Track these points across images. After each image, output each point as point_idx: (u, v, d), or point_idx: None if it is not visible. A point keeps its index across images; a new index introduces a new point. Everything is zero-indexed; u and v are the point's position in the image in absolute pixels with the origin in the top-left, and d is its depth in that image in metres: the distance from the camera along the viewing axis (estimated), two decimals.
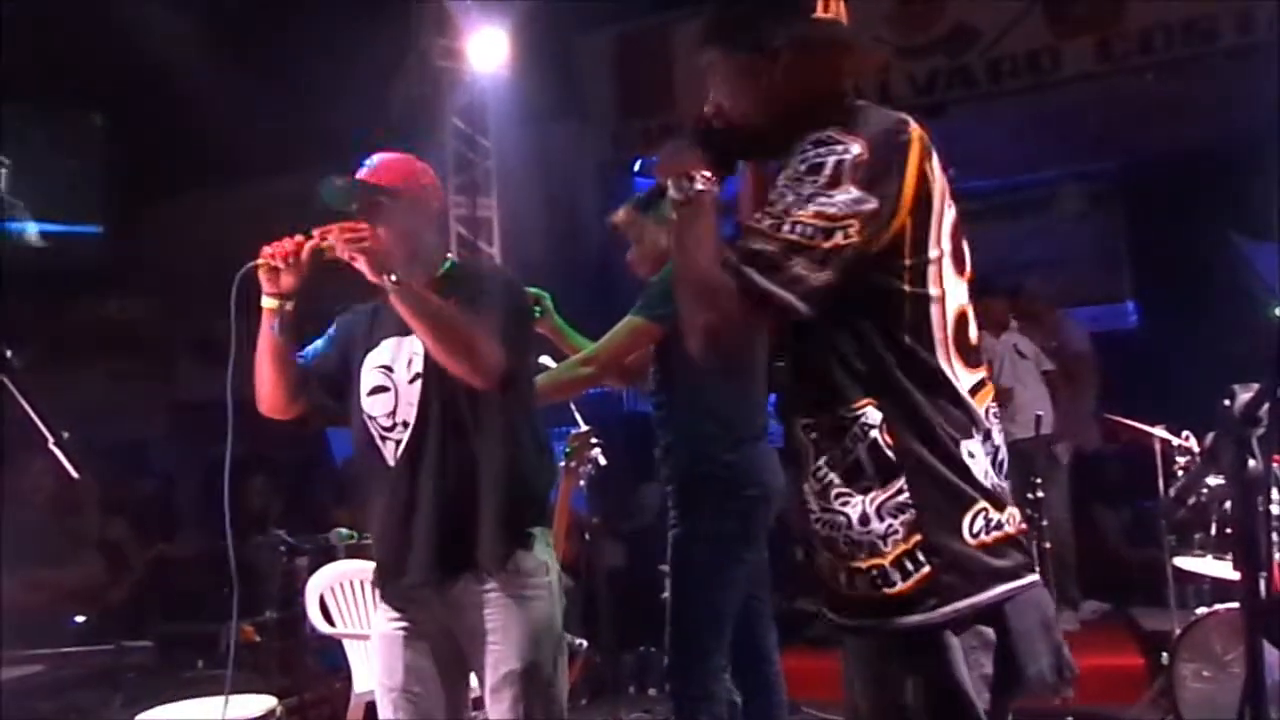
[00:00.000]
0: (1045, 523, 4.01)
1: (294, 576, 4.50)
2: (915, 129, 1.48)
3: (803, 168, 1.43)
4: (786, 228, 1.41)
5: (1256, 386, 1.37)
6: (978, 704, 1.44)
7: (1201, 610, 3.53)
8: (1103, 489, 6.46)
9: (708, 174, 1.53)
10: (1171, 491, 3.58)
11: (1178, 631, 3.54)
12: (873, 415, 1.46)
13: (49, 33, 6.63)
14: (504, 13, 5.55)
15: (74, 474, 1.77)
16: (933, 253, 1.48)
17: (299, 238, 2.20)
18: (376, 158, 2.39)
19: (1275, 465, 1.65)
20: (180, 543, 5.87)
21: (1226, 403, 1.38)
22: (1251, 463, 1.37)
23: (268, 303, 2.24)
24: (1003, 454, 1.54)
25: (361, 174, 2.36)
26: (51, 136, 7.67)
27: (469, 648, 2.26)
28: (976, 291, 1.60)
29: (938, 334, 1.49)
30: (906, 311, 1.47)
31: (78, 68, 7.06)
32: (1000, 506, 1.49)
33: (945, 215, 1.50)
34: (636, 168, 1.75)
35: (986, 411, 1.54)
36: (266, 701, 3.06)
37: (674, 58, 7.02)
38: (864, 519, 1.47)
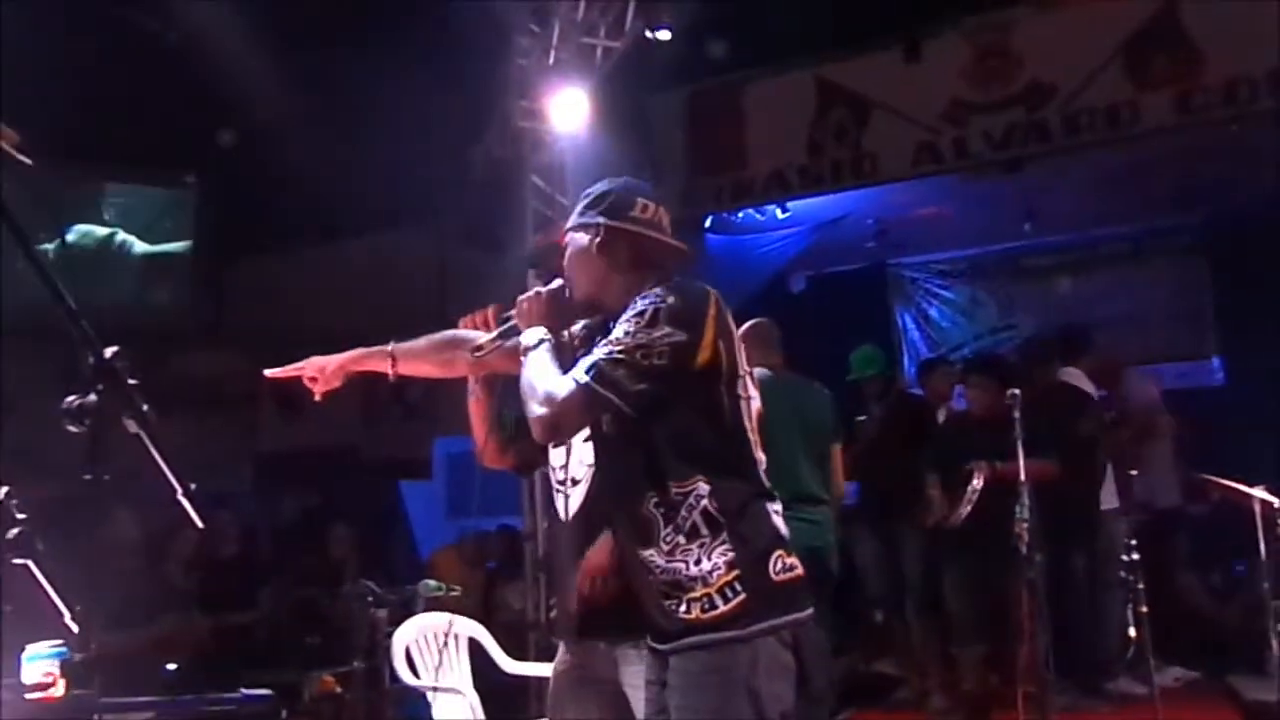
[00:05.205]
0: (1141, 586, 3.91)
1: (375, 628, 4.52)
2: (714, 293, 2.04)
3: (633, 312, 1.99)
4: (617, 352, 1.95)
5: None
6: (775, 703, 1.93)
7: None
8: (1188, 550, 6.27)
9: (550, 328, 2.11)
10: None
11: None
12: (702, 488, 1.98)
13: (144, 94, 6.93)
14: (584, 74, 5.67)
15: (200, 524, 1.82)
16: (740, 371, 2.05)
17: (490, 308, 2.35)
18: None
19: None
20: (265, 593, 5.96)
21: None
22: None
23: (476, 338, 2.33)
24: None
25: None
26: (146, 194, 7.99)
27: (635, 703, 2.27)
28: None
29: (748, 424, 2.05)
30: (726, 410, 2.01)
31: (173, 129, 7.36)
32: (790, 554, 2.02)
33: (742, 347, 2.08)
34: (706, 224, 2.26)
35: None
36: None
37: (744, 116, 7.09)
38: (698, 561, 1.97)
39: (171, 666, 4.00)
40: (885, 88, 6.61)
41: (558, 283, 2.17)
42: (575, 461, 2.35)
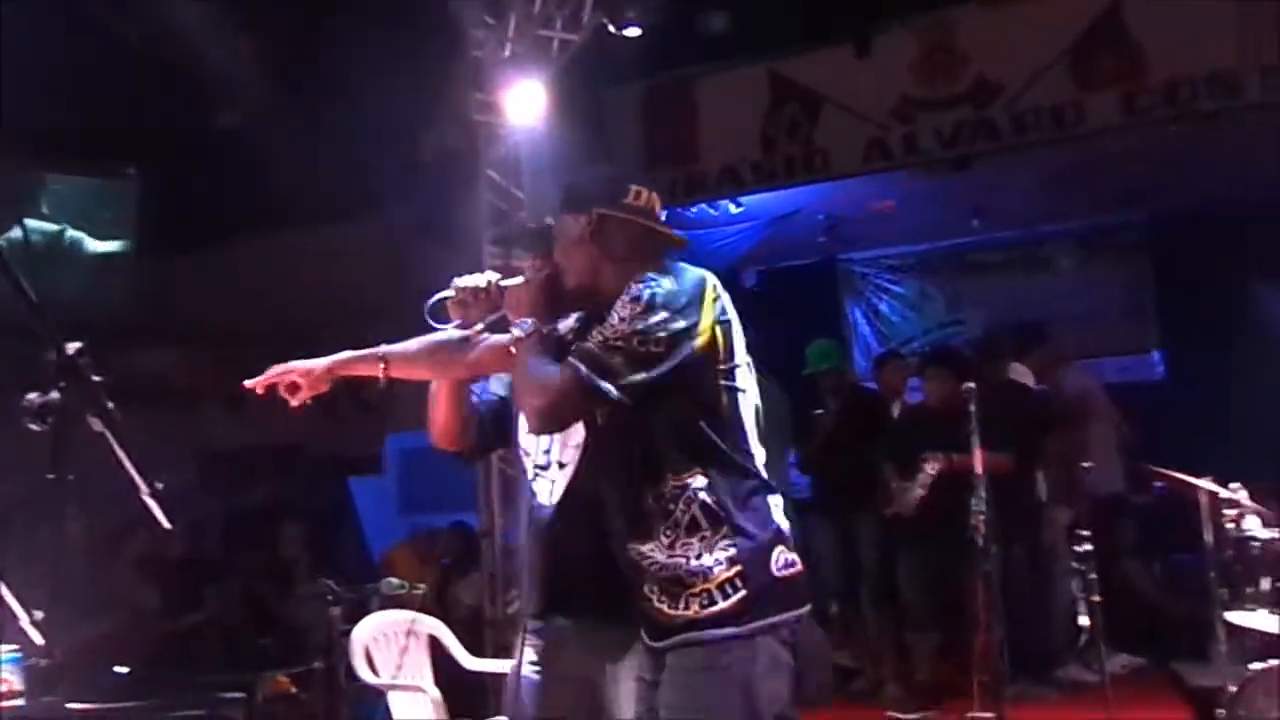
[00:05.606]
0: (1093, 576, 3.99)
1: (330, 626, 4.45)
2: (711, 277, 2.02)
3: (627, 298, 1.94)
4: (612, 340, 1.91)
5: None
6: (772, 702, 1.90)
7: (1257, 666, 3.48)
8: (1130, 538, 6.41)
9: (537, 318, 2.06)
10: None
11: (1232, 688, 3.49)
12: (700, 480, 1.94)
13: (82, 85, 6.73)
14: (540, 66, 5.62)
15: (166, 524, 1.77)
16: (738, 360, 2.01)
17: (490, 274, 2.24)
18: None
19: None
20: (211, 592, 5.85)
21: None
22: None
23: (451, 331, 2.26)
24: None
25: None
26: (85, 188, 7.77)
27: (611, 691, 2.22)
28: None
29: (745, 416, 2.02)
30: (724, 400, 1.98)
31: (111, 120, 7.15)
32: (791, 549, 1.99)
33: (741, 335, 2.04)
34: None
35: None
36: None
37: (698, 111, 7.11)
38: (699, 555, 1.93)
39: (122, 670, 3.89)
40: (837, 84, 6.67)
41: (542, 272, 2.12)
42: (559, 444, 2.26)
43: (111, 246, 7.80)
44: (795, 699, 1.97)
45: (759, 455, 2.04)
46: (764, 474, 2.03)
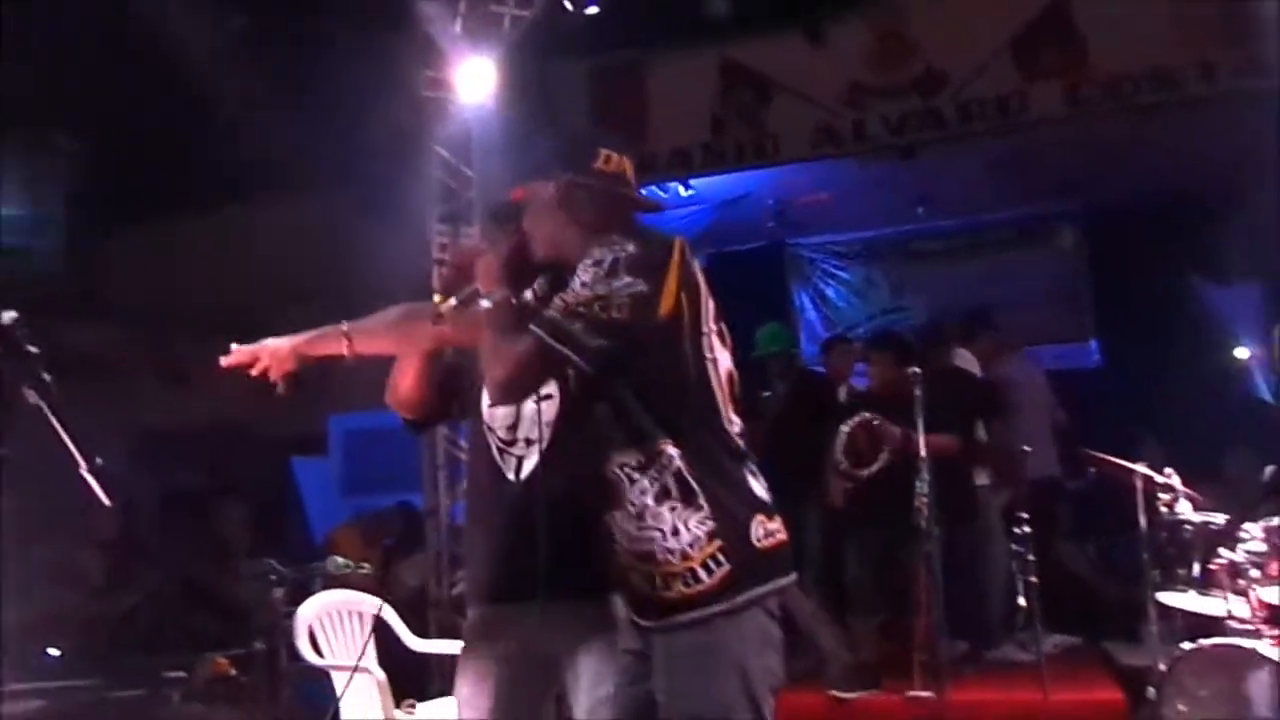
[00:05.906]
0: (1031, 558, 4.08)
1: (271, 608, 4.39)
2: (679, 240, 1.95)
3: (590, 262, 1.88)
4: (573, 306, 1.86)
5: None
6: (766, 676, 1.88)
7: (1187, 645, 3.59)
8: (1065, 523, 6.56)
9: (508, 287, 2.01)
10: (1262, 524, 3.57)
11: (1163, 667, 3.59)
12: (671, 450, 1.89)
13: (14, 54, 6.52)
14: (492, 42, 5.56)
15: (107, 501, 1.73)
16: (704, 328, 1.95)
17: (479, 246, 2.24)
18: None
19: None
20: (146, 573, 5.74)
21: None
22: None
23: (436, 300, 2.20)
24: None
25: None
26: (16, 158, 7.54)
27: (574, 674, 2.21)
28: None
29: (717, 385, 1.97)
30: (693, 368, 1.93)
31: (45, 90, 6.94)
32: (771, 518, 1.94)
33: (709, 302, 1.98)
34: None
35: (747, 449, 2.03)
36: None
37: (649, 91, 7.08)
38: (675, 531, 1.89)
39: (56, 651, 3.81)
40: (788, 69, 6.68)
41: (511, 241, 2.06)
42: (528, 420, 2.22)
43: (48, 217, 7.59)
44: (805, 659, 1.94)
45: (734, 425, 1.99)
46: (740, 444, 1.98)
